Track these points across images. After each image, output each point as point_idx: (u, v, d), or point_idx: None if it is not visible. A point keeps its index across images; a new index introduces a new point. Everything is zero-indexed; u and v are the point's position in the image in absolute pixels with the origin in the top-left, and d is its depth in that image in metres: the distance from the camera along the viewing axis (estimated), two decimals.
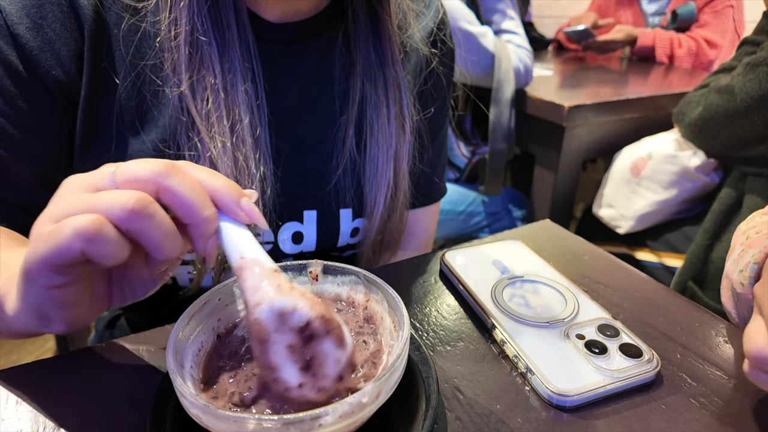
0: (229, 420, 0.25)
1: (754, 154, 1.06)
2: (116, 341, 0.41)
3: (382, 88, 0.56)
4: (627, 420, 0.35)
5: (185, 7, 0.46)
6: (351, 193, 0.57)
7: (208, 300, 0.34)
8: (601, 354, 0.39)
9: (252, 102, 0.50)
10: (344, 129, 0.56)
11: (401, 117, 0.57)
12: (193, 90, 0.47)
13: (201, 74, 0.47)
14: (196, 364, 0.32)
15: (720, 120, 1.06)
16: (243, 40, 0.50)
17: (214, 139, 0.48)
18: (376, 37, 0.55)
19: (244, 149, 0.49)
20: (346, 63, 0.56)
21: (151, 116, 0.49)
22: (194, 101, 0.48)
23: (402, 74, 0.57)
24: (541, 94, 1.35)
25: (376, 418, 0.31)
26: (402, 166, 0.58)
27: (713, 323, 0.45)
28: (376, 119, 0.56)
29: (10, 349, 1.70)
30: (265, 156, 0.51)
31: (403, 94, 0.57)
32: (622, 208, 1.32)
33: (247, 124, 0.49)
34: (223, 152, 0.48)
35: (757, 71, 0.99)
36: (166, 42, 0.47)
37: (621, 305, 0.47)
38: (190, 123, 0.48)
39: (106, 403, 0.35)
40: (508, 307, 0.44)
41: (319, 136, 0.56)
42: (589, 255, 0.55)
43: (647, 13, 2.09)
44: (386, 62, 0.55)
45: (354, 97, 0.56)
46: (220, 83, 0.48)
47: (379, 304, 0.36)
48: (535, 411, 0.36)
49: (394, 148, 0.57)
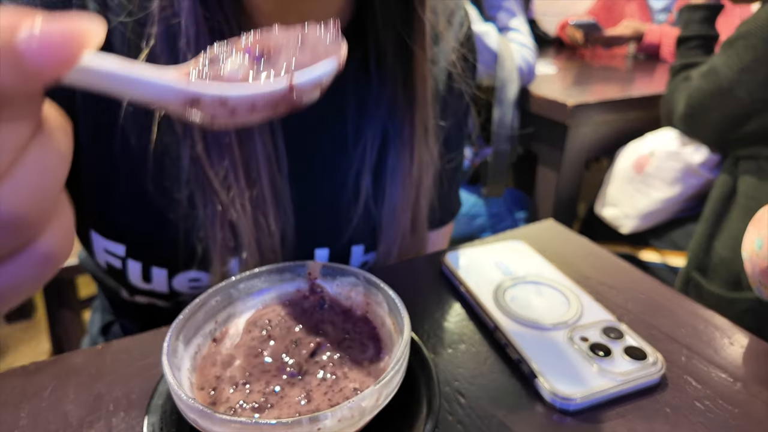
0: (226, 423, 0.25)
1: (745, 133, 1.07)
2: (111, 343, 0.41)
3: (408, 134, 0.50)
4: (631, 423, 0.34)
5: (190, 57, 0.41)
6: (364, 231, 0.54)
7: (205, 302, 0.34)
8: (606, 356, 0.38)
9: (270, 155, 0.46)
10: (359, 172, 0.51)
11: (426, 165, 0.52)
12: (208, 150, 0.43)
13: (214, 133, 0.43)
14: (193, 367, 0.32)
15: (707, 103, 1.09)
16: None
17: (234, 201, 0.44)
18: (406, 75, 0.48)
19: (265, 207, 0.46)
20: (363, 95, 0.50)
21: (165, 176, 0.45)
22: (209, 162, 0.44)
23: (432, 117, 0.51)
24: (545, 93, 1.35)
25: (376, 422, 0.30)
26: (421, 210, 0.54)
27: (719, 325, 0.44)
28: (397, 168, 0.51)
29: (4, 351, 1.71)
30: (287, 209, 0.48)
31: (430, 142, 0.52)
32: (625, 207, 1.31)
33: (266, 180, 0.46)
34: (243, 215, 0.45)
35: (734, 46, 1.03)
36: None
37: (625, 307, 0.46)
38: (206, 185, 0.45)
39: (102, 406, 0.35)
40: (510, 309, 0.44)
41: (334, 174, 0.51)
42: (593, 256, 0.55)
43: (654, 9, 2.08)
44: (416, 104, 0.49)
45: (373, 140, 0.50)
46: (235, 141, 0.44)
47: (380, 305, 0.35)
48: (538, 414, 0.35)
49: (413, 196, 0.52)
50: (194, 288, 0.51)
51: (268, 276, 0.38)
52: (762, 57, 0.98)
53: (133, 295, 0.53)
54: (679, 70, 1.21)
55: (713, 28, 1.23)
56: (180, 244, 0.47)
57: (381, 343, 0.34)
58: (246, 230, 0.46)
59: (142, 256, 0.49)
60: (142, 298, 0.53)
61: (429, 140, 0.52)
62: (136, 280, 0.50)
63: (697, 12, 1.22)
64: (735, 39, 1.03)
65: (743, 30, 1.01)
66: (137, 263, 0.49)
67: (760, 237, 0.42)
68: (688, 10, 1.24)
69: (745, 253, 0.44)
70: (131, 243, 0.49)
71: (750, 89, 1.01)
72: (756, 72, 1.00)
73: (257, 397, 0.30)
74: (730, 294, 1.05)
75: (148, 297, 0.52)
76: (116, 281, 0.53)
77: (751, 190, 1.05)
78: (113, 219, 0.48)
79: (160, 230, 0.47)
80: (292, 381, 0.31)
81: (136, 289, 0.51)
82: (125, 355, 0.40)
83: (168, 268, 0.49)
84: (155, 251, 0.49)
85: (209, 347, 0.34)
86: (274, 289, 0.38)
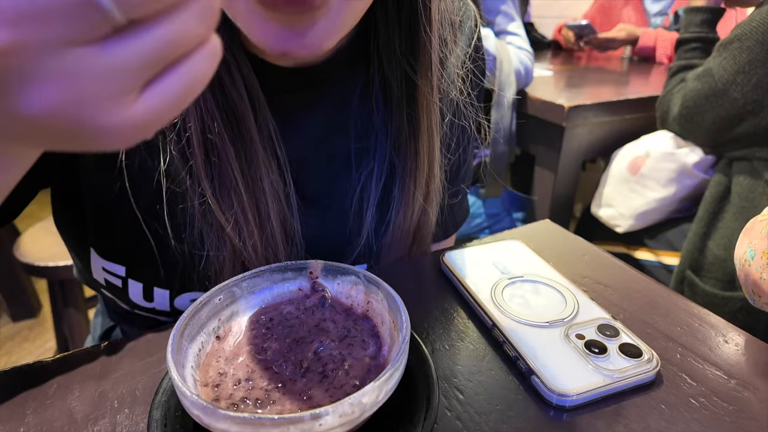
0: (229, 420, 0.25)
1: (739, 134, 1.08)
2: (116, 342, 0.41)
3: (412, 166, 0.48)
4: (627, 420, 0.35)
5: (193, 107, 0.40)
6: (366, 253, 0.52)
7: (208, 300, 0.34)
8: (601, 354, 0.39)
9: (279, 191, 0.45)
10: (366, 205, 0.50)
11: (430, 197, 0.51)
12: (216, 196, 0.42)
13: (221, 178, 0.42)
14: (196, 364, 0.32)
15: (702, 104, 1.10)
16: (262, 125, 0.43)
17: (245, 244, 0.44)
18: (411, 107, 0.46)
19: (274, 242, 0.45)
20: (369, 118, 0.49)
21: (176, 221, 0.44)
22: (220, 207, 0.42)
23: (437, 151, 0.49)
24: (542, 95, 1.35)
25: (376, 418, 0.31)
26: (424, 236, 0.54)
27: (713, 323, 0.45)
28: (401, 201, 0.50)
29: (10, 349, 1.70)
30: (297, 243, 0.47)
31: (435, 170, 0.50)
32: (620, 207, 1.32)
33: (275, 217, 0.45)
34: (255, 255, 0.44)
35: (729, 48, 1.04)
36: (176, 149, 0.41)
37: (621, 305, 0.47)
38: (219, 229, 0.44)
39: (107, 403, 0.35)
40: (507, 307, 0.44)
41: (335, 194, 0.50)
42: (589, 255, 0.55)
43: (650, 12, 2.10)
44: (420, 138, 0.47)
45: (379, 173, 0.49)
46: (242, 184, 0.42)
47: (379, 303, 0.36)
48: (534, 411, 0.36)
49: (415, 224, 0.52)
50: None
51: (270, 275, 0.38)
52: (757, 59, 0.99)
53: (133, 309, 0.52)
54: (677, 71, 1.22)
55: (713, 31, 1.23)
56: (185, 269, 0.47)
57: (381, 341, 0.35)
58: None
59: (144, 278, 0.48)
60: (143, 313, 0.52)
61: (434, 172, 0.50)
62: (137, 298, 0.49)
63: (698, 14, 1.22)
64: (730, 41, 1.04)
65: (739, 32, 1.02)
66: (138, 284, 0.48)
67: (752, 247, 0.43)
68: (689, 12, 1.24)
69: (737, 262, 0.45)
70: (132, 265, 0.47)
71: (744, 91, 1.02)
72: (750, 74, 1.01)
73: (260, 393, 0.31)
74: (723, 293, 1.06)
75: (149, 313, 0.52)
76: (116, 297, 0.52)
77: (745, 191, 1.06)
78: (114, 242, 0.47)
79: (164, 255, 0.46)
80: (293, 378, 0.32)
81: (137, 305, 0.50)
82: (130, 352, 0.40)
83: (170, 289, 0.48)
84: (157, 273, 0.47)
85: (213, 345, 0.34)
86: (276, 287, 0.39)
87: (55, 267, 1.20)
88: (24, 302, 1.87)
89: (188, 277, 0.47)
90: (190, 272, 0.47)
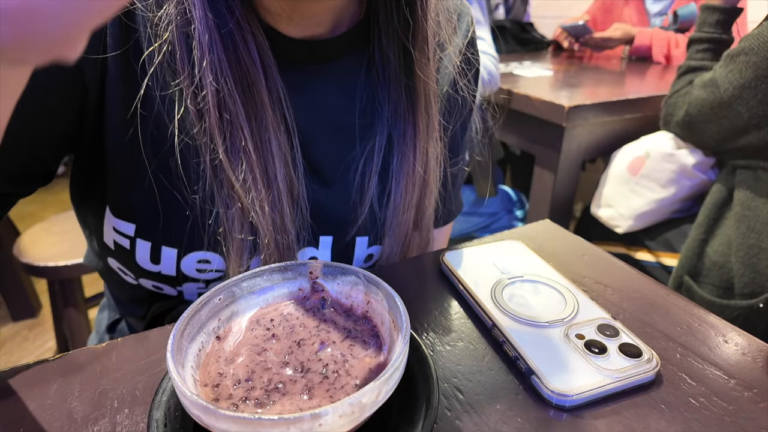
0: (229, 420, 0.25)
1: (742, 145, 1.07)
2: (116, 342, 0.41)
3: (411, 136, 0.51)
4: (627, 420, 0.35)
5: (208, 66, 0.42)
6: (369, 224, 0.55)
7: (208, 300, 0.34)
8: (601, 354, 0.39)
9: (286, 153, 0.47)
10: (366, 171, 0.52)
11: (429, 168, 0.53)
12: (228, 156, 0.45)
13: (233, 138, 0.45)
14: (197, 364, 0.32)
15: (706, 113, 1.08)
16: (272, 89, 0.46)
17: (253, 205, 0.46)
18: (408, 79, 0.49)
19: (281, 205, 0.47)
20: (371, 95, 0.52)
21: (187, 175, 0.47)
22: (231, 167, 0.45)
23: (435, 121, 0.52)
24: (541, 95, 1.35)
25: (376, 418, 0.31)
26: (425, 211, 0.56)
27: (713, 323, 0.45)
28: (401, 169, 0.52)
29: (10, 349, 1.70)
30: (302, 207, 0.50)
31: (434, 144, 0.53)
32: (620, 208, 1.32)
33: (283, 179, 0.47)
34: (262, 216, 0.47)
35: (736, 61, 1.02)
36: (193, 103, 0.44)
37: (621, 305, 0.47)
38: (229, 187, 0.46)
39: (107, 403, 0.35)
40: (507, 307, 0.44)
41: (340, 166, 0.53)
42: (588, 255, 0.56)
43: (651, 12, 2.10)
44: (418, 108, 0.50)
45: (380, 142, 0.52)
46: (251, 145, 0.45)
47: (379, 303, 0.36)
48: (534, 411, 0.36)
49: (417, 196, 0.54)
50: (201, 271, 0.52)
51: (270, 275, 0.38)
52: (763, 75, 0.98)
53: (138, 278, 0.53)
54: (686, 71, 1.20)
55: (728, 32, 1.20)
56: (193, 225, 0.48)
57: (381, 341, 0.35)
58: (264, 230, 0.47)
59: (153, 236, 0.49)
60: (148, 282, 0.53)
61: (432, 142, 0.53)
62: (144, 260, 0.51)
63: (714, 14, 1.18)
64: (737, 54, 1.02)
65: (746, 45, 1.00)
66: (146, 243, 0.49)
67: None
68: (705, 9, 1.20)
69: None
70: (142, 222, 0.49)
71: (749, 105, 1.01)
72: (756, 89, 0.99)
73: (260, 393, 0.31)
74: (720, 300, 1.06)
75: (154, 280, 0.53)
76: (122, 263, 0.53)
77: (748, 200, 1.05)
78: (126, 197, 0.49)
79: (173, 211, 0.48)
80: (293, 378, 0.32)
81: (143, 270, 0.52)
82: (130, 352, 0.40)
83: (178, 247, 0.50)
84: (166, 231, 0.49)
85: (213, 345, 0.34)
86: (276, 287, 0.39)
87: (55, 267, 1.20)
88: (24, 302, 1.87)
89: (197, 235, 0.49)
90: (199, 230, 0.48)
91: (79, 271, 1.23)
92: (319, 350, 0.34)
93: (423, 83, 0.49)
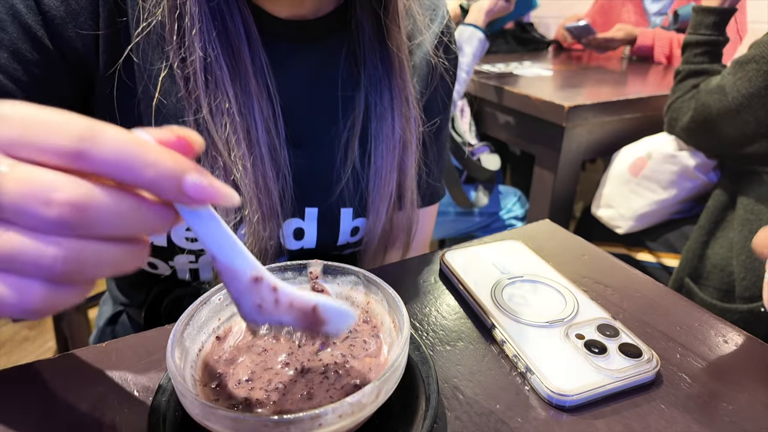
0: (229, 420, 0.25)
1: (748, 153, 1.06)
2: (116, 341, 0.41)
3: (388, 99, 0.55)
4: (627, 420, 0.35)
5: (197, 35, 0.45)
6: (353, 195, 0.57)
7: (208, 300, 0.34)
8: (601, 354, 0.39)
9: (269, 120, 0.50)
10: (348, 139, 0.55)
11: (407, 128, 0.56)
12: (212, 115, 0.47)
13: (217, 100, 0.47)
14: (196, 364, 0.32)
15: (713, 120, 1.07)
16: (255, 59, 0.49)
17: (235, 163, 0.48)
18: (382, 47, 0.54)
19: (264, 168, 0.50)
20: (352, 71, 0.55)
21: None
22: (214, 126, 0.47)
23: (410, 85, 0.56)
24: (541, 95, 1.35)
25: (376, 418, 0.31)
26: (407, 175, 0.58)
27: (713, 323, 0.45)
28: (380, 130, 0.55)
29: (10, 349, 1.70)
30: (284, 170, 0.52)
31: (410, 106, 0.56)
32: (621, 208, 1.32)
33: (265, 142, 0.49)
34: (245, 174, 0.48)
35: (746, 69, 1.01)
36: (180, 67, 0.47)
37: (621, 305, 0.47)
38: (211, 146, 0.48)
39: (106, 403, 0.35)
40: (507, 307, 0.44)
41: (323, 138, 0.56)
42: (588, 255, 0.56)
43: (650, 12, 2.09)
44: (393, 73, 0.54)
45: (359, 109, 0.55)
46: (235, 107, 0.48)
47: (379, 304, 0.36)
48: (534, 411, 0.36)
49: (398, 159, 0.56)
50: (190, 240, 0.53)
51: None
52: None
53: None
54: (685, 76, 1.19)
55: (723, 33, 1.18)
56: None
57: (381, 341, 0.35)
58: (247, 189, 0.49)
59: None
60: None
61: (409, 106, 0.56)
62: None
63: (710, 16, 1.17)
64: (747, 61, 1.00)
65: (756, 53, 0.99)
66: None
67: None
68: (699, 12, 1.19)
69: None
70: None
71: (757, 114, 0.99)
72: (765, 98, 0.97)
73: (260, 393, 0.31)
74: (721, 304, 1.05)
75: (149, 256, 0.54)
76: None
77: (752, 204, 1.04)
78: None
79: None
80: (293, 378, 0.32)
81: None
82: (130, 352, 0.40)
83: None
84: None
85: (213, 344, 0.34)
86: None
87: None
88: None
89: None
90: None
91: None
92: (320, 350, 0.34)
93: (396, 48, 0.53)
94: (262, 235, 0.51)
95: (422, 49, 0.59)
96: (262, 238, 0.51)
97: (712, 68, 1.15)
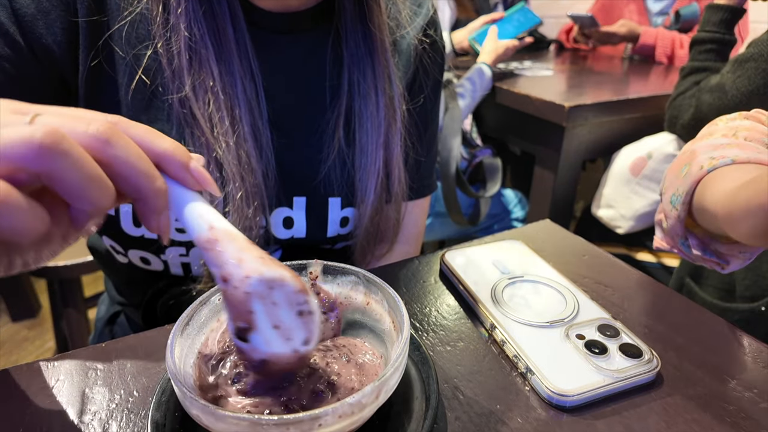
0: (228, 420, 0.25)
1: None
2: (116, 341, 0.41)
3: (371, 76, 0.56)
4: (627, 420, 0.35)
5: (183, 14, 0.47)
6: (340, 183, 0.58)
7: (207, 301, 0.34)
8: (601, 354, 0.39)
9: (252, 100, 0.51)
10: (334, 119, 0.57)
11: (391, 106, 0.57)
12: (195, 93, 0.49)
13: (201, 78, 0.49)
14: (196, 365, 0.32)
15: (713, 118, 1.07)
16: (240, 41, 0.50)
17: (218, 139, 0.49)
18: (364, 26, 0.55)
19: (246, 146, 0.51)
20: (338, 57, 0.56)
21: (155, 116, 0.50)
22: (197, 104, 0.49)
23: (392, 63, 0.57)
24: (542, 94, 1.35)
25: (376, 419, 0.31)
26: (393, 154, 0.58)
27: (713, 323, 0.45)
28: (364, 108, 0.56)
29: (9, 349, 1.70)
30: (266, 151, 0.53)
31: (393, 83, 0.57)
32: (621, 208, 1.32)
33: (247, 122, 0.51)
34: (228, 151, 0.50)
35: (745, 67, 1.01)
36: (164, 47, 0.48)
37: (621, 305, 0.47)
38: (194, 123, 0.49)
39: (106, 404, 0.35)
40: (508, 308, 0.44)
41: (310, 126, 0.57)
42: (589, 255, 0.55)
43: (652, 12, 2.09)
44: (375, 51, 0.55)
45: (343, 89, 0.56)
46: (219, 86, 0.49)
47: (379, 304, 0.36)
48: (534, 411, 0.36)
49: (383, 136, 0.57)
50: (180, 231, 0.54)
51: None
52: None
53: (127, 251, 0.56)
54: (690, 72, 1.18)
55: (731, 32, 1.18)
56: None
57: (380, 341, 0.35)
58: (230, 166, 0.50)
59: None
60: (136, 255, 0.56)
61: (392, 84, 0.57)
62: (128, 225, 0.53)
63: (718, 13, 1.16)
64: (746, 59, 1.00)
65: (755, 51, 0.99)
66: (127, 205, 0.51)
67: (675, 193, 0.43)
68: (709, 8, 1.18)
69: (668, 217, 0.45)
70: None
71: None
72: (765, 96, 0.97)
73: (260, 393, 0.31)
74: (722, 303, 1.05)
75: (140, 249, 0.55)
76: (111, 236, 0.56)
77: None
78: None
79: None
80: (294, 378, 0.32)
81: (129, 237, 0.54)
82: (129, 352, 0.40)
83: None
84: None
85: (212, 345, 0.34)
86: None
87: (55, 267, 1.20)
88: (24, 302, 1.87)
89: None
90: None
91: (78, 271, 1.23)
92: (319, 350, 0.34)
93: (378, 29, 0.55)
94: (246, 213, 0.51)
95: (406, 40, 0.61)
96: (247, 216, 0.51)
97: (715, 66, 1.14)
